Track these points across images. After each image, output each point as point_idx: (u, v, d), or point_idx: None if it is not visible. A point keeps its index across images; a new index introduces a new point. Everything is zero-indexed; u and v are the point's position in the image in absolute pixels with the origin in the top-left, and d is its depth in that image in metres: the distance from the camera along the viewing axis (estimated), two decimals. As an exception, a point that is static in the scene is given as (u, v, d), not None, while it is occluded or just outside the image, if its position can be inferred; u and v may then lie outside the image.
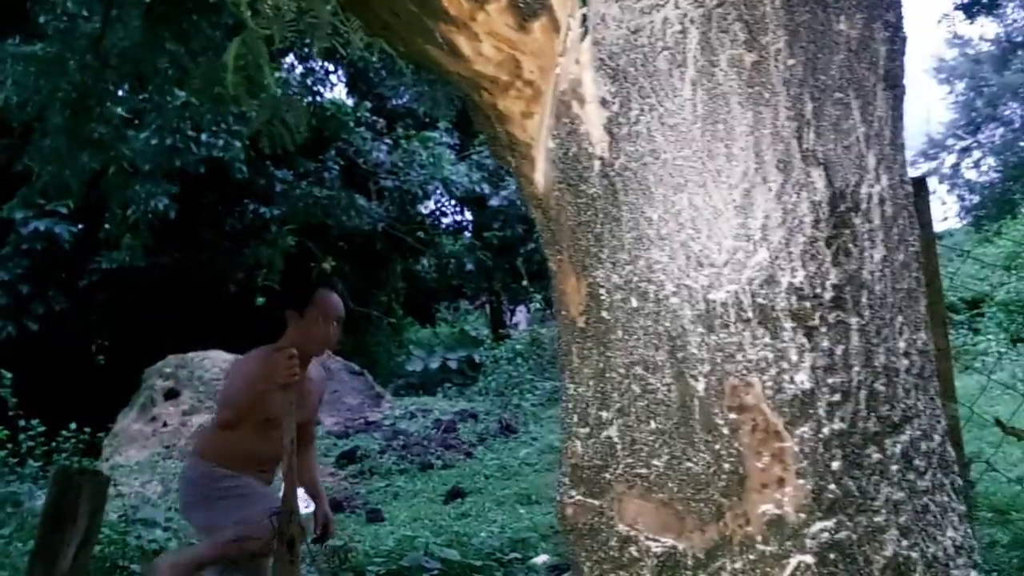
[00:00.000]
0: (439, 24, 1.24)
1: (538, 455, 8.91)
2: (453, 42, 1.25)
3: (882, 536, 1.12)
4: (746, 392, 1.11)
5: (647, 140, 1.16)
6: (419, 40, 1.28)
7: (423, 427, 10.44)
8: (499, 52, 1.24)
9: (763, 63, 1.15)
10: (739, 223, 1.13)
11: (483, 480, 8.28)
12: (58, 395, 9.50)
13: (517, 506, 6.93)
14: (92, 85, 5.28)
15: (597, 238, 1.19)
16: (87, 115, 5.37)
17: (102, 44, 5.15)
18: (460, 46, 1.25)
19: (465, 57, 1.26)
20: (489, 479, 8.31)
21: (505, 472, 8.42)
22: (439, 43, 1.26)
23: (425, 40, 1.27)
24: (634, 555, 1.15)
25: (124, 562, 5.09)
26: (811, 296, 1.12)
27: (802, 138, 1.15)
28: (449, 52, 1.26)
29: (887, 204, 1.22)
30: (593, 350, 1.21)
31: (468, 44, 1.25)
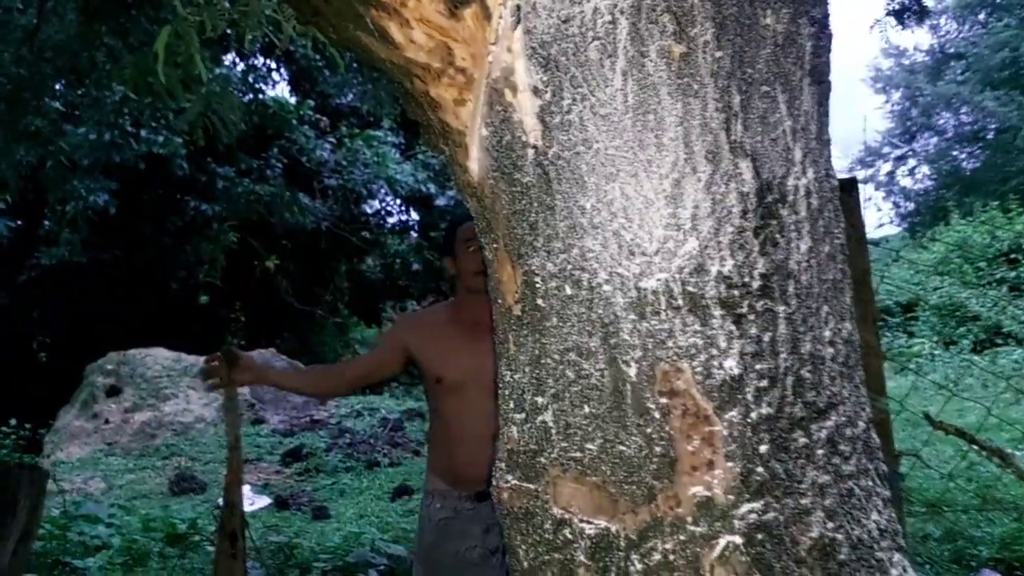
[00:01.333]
0: (370, 10, 1.24)
1: (485, 453, 8.92)
2: (384, 29, 1.25)
3: (808, 518, 1.15)
4: (676, 377, 1.13)
5: (580, 129, 1.17)
6: (350, 27, 1.27)
7: (369, 425, 10.39)
8: (430, 39, 1.24)
9: (692, 55, 1.17)
10: (670, 213, 1.15)
11: (430, 478, 8.24)
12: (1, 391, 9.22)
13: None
14: (27, 78, 5.14)
15: (532, 226, 1.20)
16: (23, 108, 5.23)
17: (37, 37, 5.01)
18: (391, 33, 1.25)
19: (396, 44, 1.25)
20: (436, 477, 8.28)
21: (452, 470, 8.42)
22: (370, 30, 1.25)
23: (356, 27, 1.26)
24: (568, 537, 1.16)
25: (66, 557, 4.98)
26: (739, 284, 1.15)
27: (730, 130, 1.17)
28: (380, 39, 1.25)
29: (813, 196, 1.25)
30: (528, 337, 1.22)
31: (399, 31, 1.24)
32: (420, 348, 2.63)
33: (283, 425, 10.37)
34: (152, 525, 6.25)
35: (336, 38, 1.33)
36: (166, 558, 5.53)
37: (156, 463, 9.13)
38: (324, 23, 1.30)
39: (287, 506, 7.43)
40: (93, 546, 5.47)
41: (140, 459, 9.26)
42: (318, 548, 5.61)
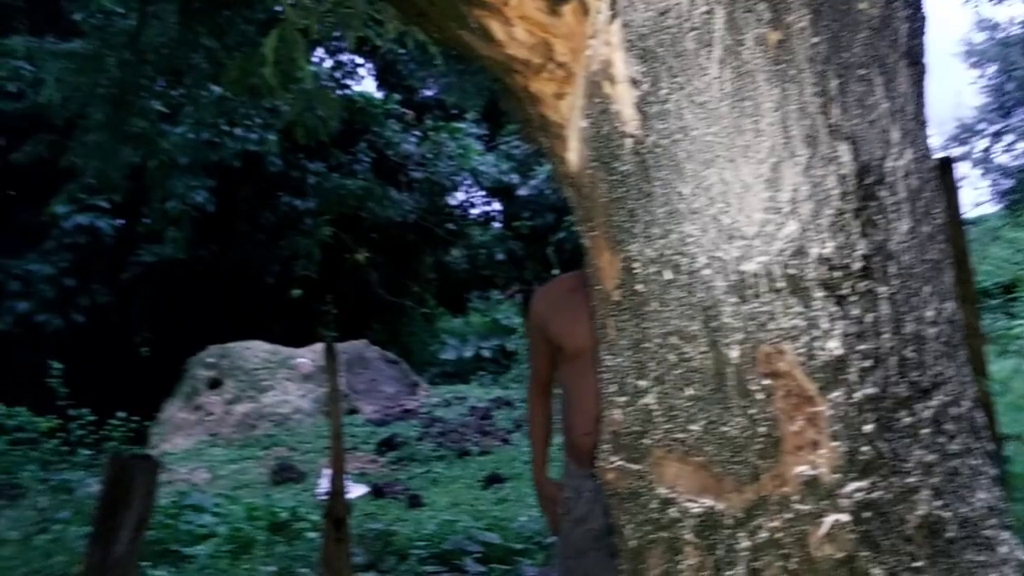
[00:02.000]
0: (472, 10, 1.29)
1: (575, 440, 8.97)
2: (486, 27, 1.30)
3: (915, 496, 1.15)
4: (779, 359, 1.15)
5: (677, 118, 1.20)
6: (453, 25, 1.32)
7: (459, 414, 10.56)
8: (531, 36, 1.29)
9: (788, 41, 1.18)
10: (768, 196, 1.17)
11: (520, 466, 8.37)
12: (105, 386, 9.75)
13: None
14: (130, 81, 5.38)
15: (630, 214, 1.24)
16: (127, 110, 5.47)
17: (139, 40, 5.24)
18: (493, 31, 1.30)
19: (498, 41, 1.30)
20: (527, 464, 8.35)
21: (542, 458, 8.49)
22: (472, 28, 1.30)
23: (459, 25, 1.32)
24: (674, 516, 1.20)
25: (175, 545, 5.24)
26: (840, 266, 1.16)
27: (828, 113, 1.18)
28: (482, 37, 1.31)
29: (912, 177, 1.25)
30: (629, 322, 1.26)
31: (501, 28, 1.29)
32: (547, 319, 2.59)
33: (376, 415, 10.64)
34: (255, 514, 6.51)
35: (439, 37, 1.38)
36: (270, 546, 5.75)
37: (257, 453, 9.49)
38: (428, 23, 1.36)
39: (383, 495, 7.64)
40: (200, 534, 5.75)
41: (242, 449, 9.65)
42: (414, 536, 5.77)
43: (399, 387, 11.57)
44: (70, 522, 5.85)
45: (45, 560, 4.96)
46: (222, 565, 5.21)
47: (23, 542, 5.69)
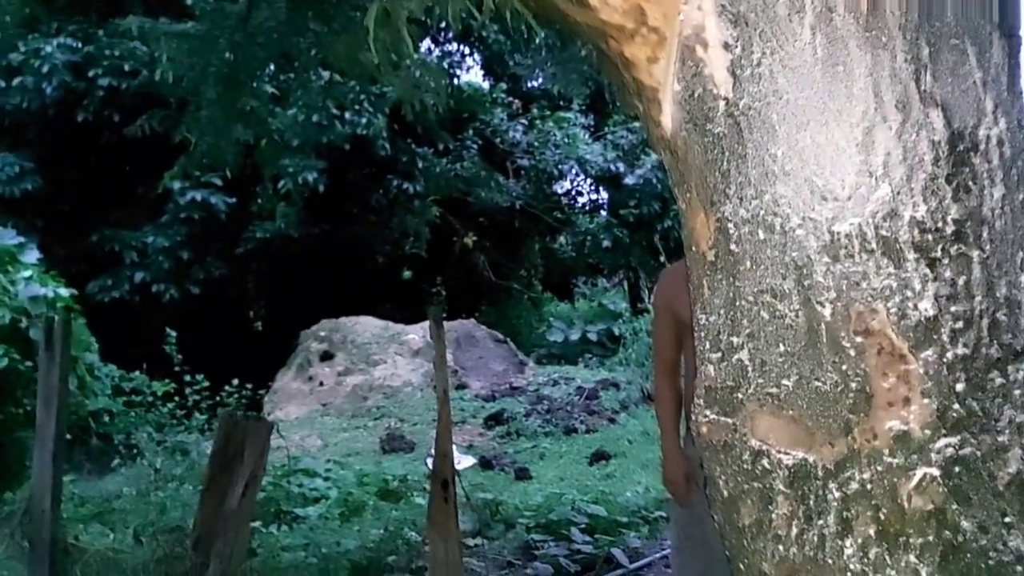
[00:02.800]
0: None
1: (681, 421, 8.95)
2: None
3: (1006, 455, 1.17)
4: (871, 318, 1.18)
5: (769, 81, 1.24)
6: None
7: (566, 394, 10.66)
8: (625, 1, 1.35)
9: (879, 9, 1.21)
10: (861, 160, 1.20)
11: (626, 444, 8.42)
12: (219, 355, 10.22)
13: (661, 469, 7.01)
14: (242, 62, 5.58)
15: (724, 175, 1.29)
16: (239, 90, 5.69)
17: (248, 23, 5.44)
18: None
19: (592, 7, 1.37)
20: (632, 443, 8.44)
21: (648, 437, 8.52)
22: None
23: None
24: (766, 467, 1.25)
25: (287, 506, 5.51)
26: (933, 229, 1.18)
27: (920, 80, 1.21)
28: (577, 4, 1.38)
29: (1006, 146, 1.26)
30: (723, 281, 1.31)
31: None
32: (674, 298, 2.65)
33: (484, 391, 10.87)
34: (366, 480, 6.79)
35: (534, 6, 1.46)
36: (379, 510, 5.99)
37: (368, 423, 9.85)
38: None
39: (491, 466, 7.83)
40: (312, 497, 6.04)
41: (352, 419, 10.02)
42: (522, 506, 5.91)
43: (507, 365, 11.77)
44: (184, 480, 6.21)
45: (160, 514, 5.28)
46: (332, 526, 5.47)
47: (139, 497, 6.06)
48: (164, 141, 6.73)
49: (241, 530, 3.57)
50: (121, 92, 11.35)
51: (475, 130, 14.15)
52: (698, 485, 2.55)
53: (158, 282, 12.00)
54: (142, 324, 11.02)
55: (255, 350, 12.25)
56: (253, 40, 5.51)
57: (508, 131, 14.58)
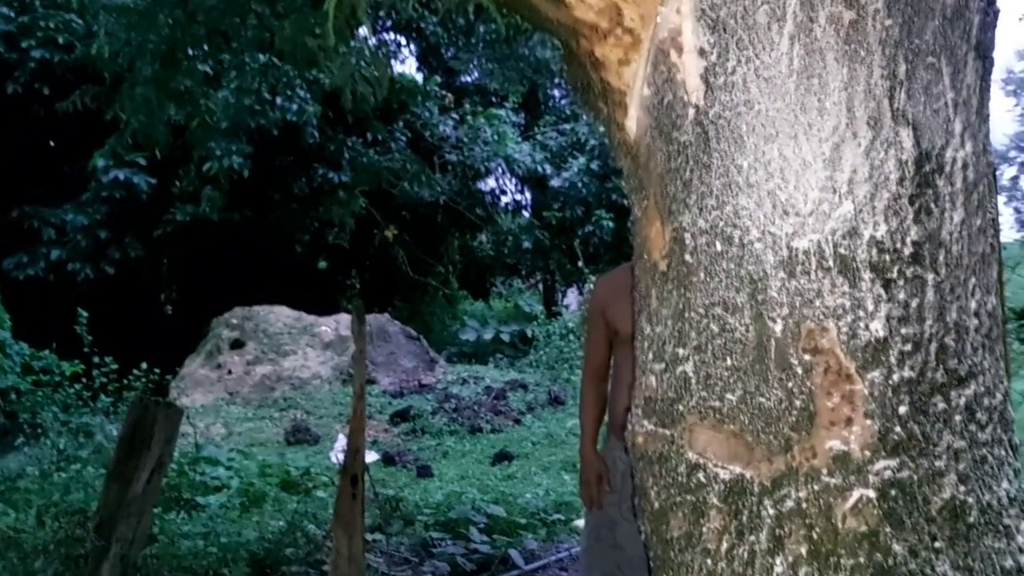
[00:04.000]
0: (546, -29, 1.31)
1: (584, 426, 9.05)
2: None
3: (941, 480, 1.17)
4: (821, 336, 1.17)
5: (742, 91, 1.21)
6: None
7: (474, 393, 10.61)
8: (601, 0, 1.30)
9: (861, 22, 1.19)
10: (827, 176, 1.18)
11: (530, 446, 8.43)
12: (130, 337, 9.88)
13: (562, 472, 7.08)
14: (179, 39, 5.41)
15: (686, 184, 1.25)
16: (175, 68, 5.51)
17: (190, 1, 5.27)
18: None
19: (567, 3, 1.32)
20: (536, 445, 8.46)
21: (552, 440, 8.57)
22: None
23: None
24: (701, 480, 1.22)
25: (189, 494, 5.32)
26: (891, 250, 1.18)
27: (893, 98, 1.20)
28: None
29: (970, 169, 1.26)
30: (673, 292, 1.28)
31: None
32: (607, 304, 2.68)
33: (393, 387, 10.72)
34: (268, 471, 6.60)
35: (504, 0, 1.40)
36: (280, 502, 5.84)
37: (274, 414, 9.60)
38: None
39: (393, 463, 7.71)
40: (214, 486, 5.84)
41: (259, 409, 9.76)
42: (422, 503, 5.83)
43: (417, 362, 11.65)
44: (88, 462, 5.97)
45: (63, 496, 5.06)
46: (233, 516, 5.29)
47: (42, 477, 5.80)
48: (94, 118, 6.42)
49: (144, 516, 3.39)
50: (54, 65, 10.88)
51: (405, 122, 13.95)
52: (613, 488, 2.54)
53: (74, 261, 11.55)
54: (55, 303, 10.55)
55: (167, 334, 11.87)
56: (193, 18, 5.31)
57: (439, 125, 14.42)
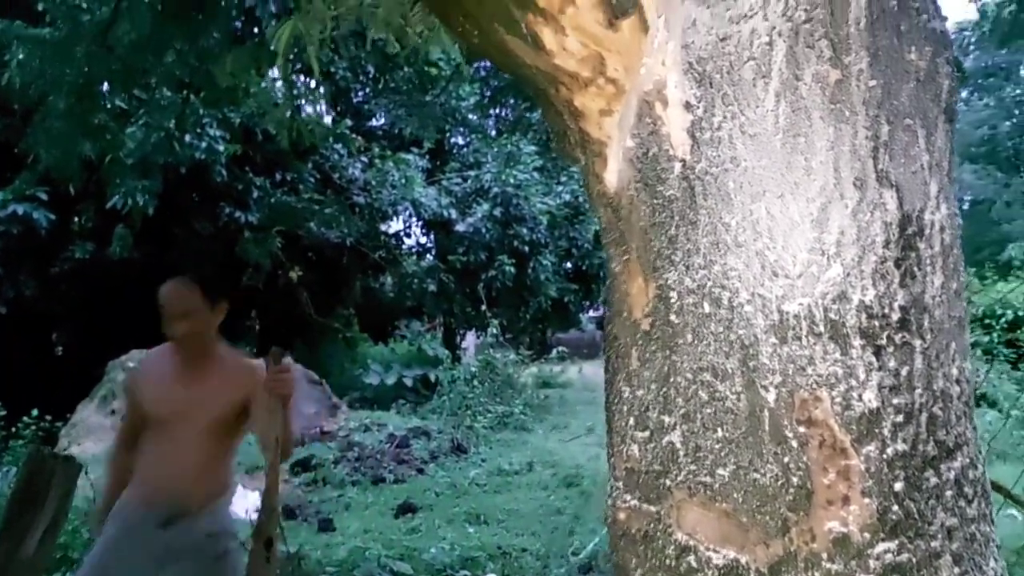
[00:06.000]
0: (526, 15, 1.23)
1: (487, 476, 8.94)
2: (537, 34, 1.24)
3: (938, 561, 1.11)
4: (815, 406, 1.10)
5: (728, 147, 1.16)
6: (500, 30, 1.26)
7: (377, 441, 10.32)
8: (584, 48, 1.23)
9: (845, 82, 1.16)
10: (815, 236, 1.13)
11: (434, 497, 8.22)
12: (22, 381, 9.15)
13: (466, 525, 6.92)
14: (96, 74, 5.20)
15: (671, 240, 1.18)
16: (91, 102, 5.28)
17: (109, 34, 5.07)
18: (544, 39, 1.24)
19: (548, 51, 1.24)
20: (440, 496, 8.26)
21: (455, 490, 8.40)
22: (523, 35, 1.24)
23: (507, 31, 1.25)
24: (692, 565, 1.13)
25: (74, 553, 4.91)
26: (880, 315, 1.13)
27: (877, 159, 1.16)
28: (532, 44, 1.25)
29: (946, 232, 1.24)
30: (657, 353, 1.20)
31: (553, 37, 1.23)
32: (139, 385, 2.93)
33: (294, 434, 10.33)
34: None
35: (479, 42, 1.31)
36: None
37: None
38: (471, 26, 1.29)
39: (294, 516, 7.35)
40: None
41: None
42: (324, 560, 5.55)
43: (319, 407, 11.24)
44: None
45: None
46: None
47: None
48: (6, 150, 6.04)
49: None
50: None
51: (314, 163, 13.70)
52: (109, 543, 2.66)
53: (-37, 300, 10.74)
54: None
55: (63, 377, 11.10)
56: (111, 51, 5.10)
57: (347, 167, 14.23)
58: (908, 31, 1.23)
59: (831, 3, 1.16)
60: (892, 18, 1.20)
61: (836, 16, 1.16)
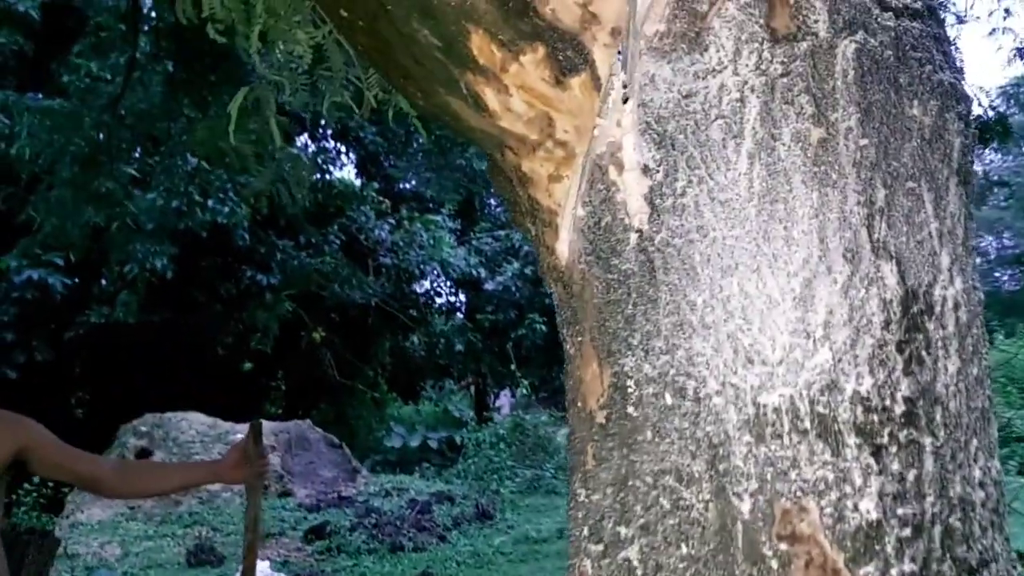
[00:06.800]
0: (465, 74, 1.11)
1: (513, 544, 8.62)
2: (479, 94, 1.11)
3: None
4: (800, 518, 0.93)
5: (694, 215, 1.01)
6: (440, 91, 1.14)
7: (397, 506, 10.07)
8: (530, 108, 1.10)
9: (831, 141, 1.01)
10: (797, 317, 0.97)
11: (455, 567, 7.95)
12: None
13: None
14: (105, 142, 5.29)
15: (628, 320, 1.03)
16: (96, 171, 5.37)
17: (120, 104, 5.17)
18: (487, 99, 1.11)
19: (491, 112, 1.12)
20: (461, 566, 7.98)
21: (478, 560, 8.10)
22: (463, 95, 1.12)
23: (448, 91, 1.13)
24: None
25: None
26: (879, 408, 0.96)
27: (872, 227, 1.01)
28: (474, 106, 1.12)
29: (961, 310, 1.07)
30: (614, 451, 1.04)
31: (496, 97, 1.11)
32: None
33: (310, 500, 10.11)
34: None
35: (423, 104, 1.20)
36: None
37: (177, 531, 8.90)
38: (412, 87, 1.18)
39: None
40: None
41: (161, 525, 9.04)
42: (336, 638, 5.34)
43: (338, 472, 11.06)
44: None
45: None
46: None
47: None
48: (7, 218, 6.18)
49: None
50: None
51: (340, 226, 13.81)
52: None
53: (-29, 364, 10.85)
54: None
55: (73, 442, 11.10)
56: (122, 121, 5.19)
57: (374, 229, 14.34)
58: (909, 84, 1.08)
59: (812, 55, 1.02)
60: (888, 71, 1.06)
61: (819, 69, 1.02)
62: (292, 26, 1.31)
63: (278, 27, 1.34)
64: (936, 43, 1.08)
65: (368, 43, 1.25)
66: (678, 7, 1.03)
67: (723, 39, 1.02)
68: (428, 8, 1.09)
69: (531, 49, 1.08)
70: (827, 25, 1.01)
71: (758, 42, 1.01)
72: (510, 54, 1.10)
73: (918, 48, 1.06)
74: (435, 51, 1.15)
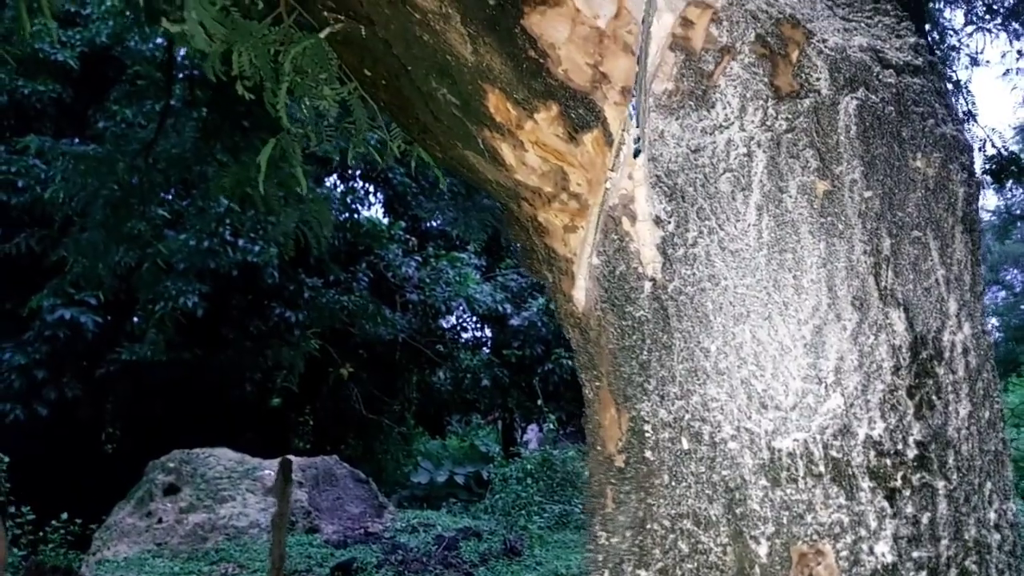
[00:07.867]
0: (482, 130, 1.15)
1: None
2: (496, 149, 1.16)
3: None
4: (817, 561, 0.95)
5: (706, 264, 1.04)
6: (458, 146, 1.19)
7: (424, 543, 10.03)
8: (545, 163, 1.15)
9: (836, 193, 1.04)
10: (809, 363, 1.00)
11: (480, 605, 7.88)
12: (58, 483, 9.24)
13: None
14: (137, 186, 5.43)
15: (643, 366, 1.06)
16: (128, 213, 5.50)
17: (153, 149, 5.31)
18: (503, 154, 1.16)
19: (507, 166, 1.16)
20: (486, 604, 7.91)
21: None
22: (480, 150, 1.16)
23: (465, 146, 1.18)
24: None
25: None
26: (892, 452, 0.98)
27: (880, 275, 1.03)
28: (491, 160, 1.17)
29: (971, 355, 1.09)
30: (632, 495, 1.06)
31: (512, 152, 1.15)
32: None
33: (337, 536, 10.09)
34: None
35: (441, 157, 1.25)
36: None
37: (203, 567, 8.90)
38: (431, 141, 1.23)
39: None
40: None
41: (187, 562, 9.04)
42: None
43: (365, 507, 11.05)
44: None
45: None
46: None
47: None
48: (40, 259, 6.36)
49: None
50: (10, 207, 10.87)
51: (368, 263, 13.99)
52: None
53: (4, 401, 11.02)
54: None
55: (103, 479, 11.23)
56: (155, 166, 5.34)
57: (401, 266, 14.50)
58: (912, 137, 1.11)
59: (816, 112, 1.06)
60: (890, 125, 1.09)
61: (822, 125, 1.06)
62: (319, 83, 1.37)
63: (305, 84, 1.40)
64: (938, 97, 1.11)
65: (390, 100, 1.30)
66: (685, 67, 1.07)
67: (729, 96, 1.06)
68: (446, 68, 1.14)
69: (545, 107, 1.13)
70: (829, 83, 1.04)
71: (763, 99, 1.05)
72: (525, 112, 1.15)
73: (920, 103, 1.09)
74: (453, 108, 1.20)
